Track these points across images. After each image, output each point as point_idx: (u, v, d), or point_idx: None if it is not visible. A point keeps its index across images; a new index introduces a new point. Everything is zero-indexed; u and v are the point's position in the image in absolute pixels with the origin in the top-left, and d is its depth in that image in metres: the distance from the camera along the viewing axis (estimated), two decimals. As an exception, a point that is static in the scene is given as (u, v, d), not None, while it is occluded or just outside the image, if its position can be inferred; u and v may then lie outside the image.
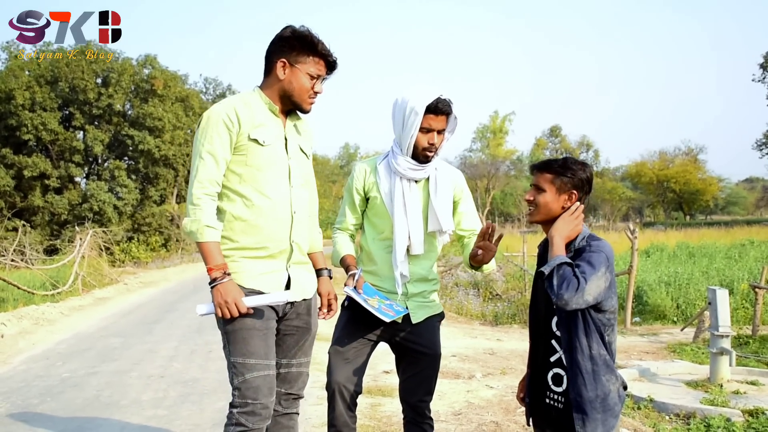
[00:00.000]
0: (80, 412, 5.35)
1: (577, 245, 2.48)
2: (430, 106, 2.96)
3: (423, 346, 3.11)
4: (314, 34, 2.80)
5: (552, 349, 2.53)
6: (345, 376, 3.02)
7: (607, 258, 2.37)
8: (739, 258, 16.71)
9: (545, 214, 2.55)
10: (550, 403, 2.52)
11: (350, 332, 3.09)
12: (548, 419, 2.55)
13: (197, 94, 39.79)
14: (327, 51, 2.82)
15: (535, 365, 2.62)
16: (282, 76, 2.80)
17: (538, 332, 2.60)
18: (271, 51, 2.84)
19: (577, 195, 2.51)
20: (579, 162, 2.55)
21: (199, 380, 6.35)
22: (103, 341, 9.00)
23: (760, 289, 9.14)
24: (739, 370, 6.22)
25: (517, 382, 6.12)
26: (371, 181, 3.17)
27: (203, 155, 2.71)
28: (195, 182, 2.70)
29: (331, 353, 3.11)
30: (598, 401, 2.39)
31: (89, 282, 16.71)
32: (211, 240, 2.67)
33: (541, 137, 75.00)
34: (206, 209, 2.68)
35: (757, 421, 4.57)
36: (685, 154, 65.42)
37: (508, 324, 11.60)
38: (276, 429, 3.00)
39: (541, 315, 2.57)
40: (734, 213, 76.70)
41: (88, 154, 35.06)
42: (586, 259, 2.36)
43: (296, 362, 3.00)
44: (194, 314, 11.27)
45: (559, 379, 2.50)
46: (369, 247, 3.17)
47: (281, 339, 2.94)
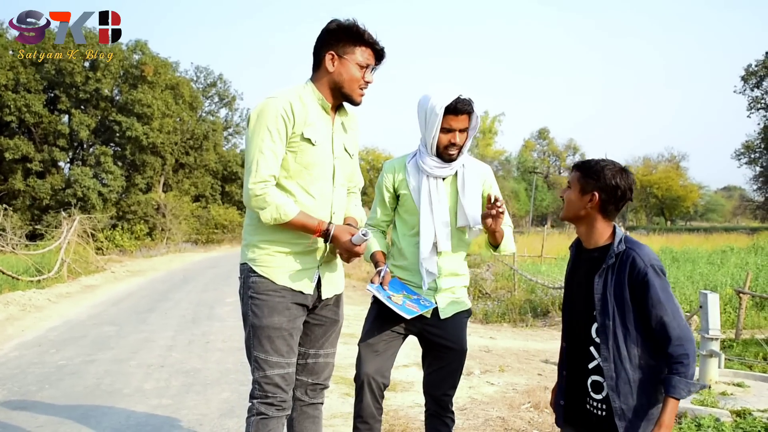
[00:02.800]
0: (82, 399, 5.34)
1: (617, 248, 2.47)
2: (450, 107, 3.00)
3: (450, 341, 3.17)
4: (360, 24, 2.81)
5: (590, 355, 2.53)
6: (374, 368, 3.06)
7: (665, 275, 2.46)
8: (721, 264, 16.99)
9: (569, 210, 2.57)
10: (591, 410, 2.54)
11: (380, 325, 3.13)
12: (588, 424, 2.57)
13: (188, 82, 39.59)
14: (373, 39, 2.83)
15: (572, 370, 2.62)
16: (331, 68, 2.81)
17: (576, 338, 2.60)
18: (319, 45, 2.85)
19: (599, 197, 2.47)
20: (614, 167, 2.48)
21: (200, 371, 6.37)
22: (97, 329, 8.96)
23: (745, 294, 9.36)
24: (726, 372, 6.33)
25: (515, 380, 6.31)
26: (400, 179, 3.23)
27: (264, 150, 2.70)
28: (255, 176, 2.69)
29: (360, 345, 3.15)
30: (643, 410, 2.42)
31: (75, 269, 16.61)
32: (295, 212, 2.71)
33: (529, 139, 75.51)
34: (273, 193, 2.70)
35: (744, 422, 4.70)
36: (668, 161, 66.37)
37: (498, 323, 11.73)
38: (302, 418, 3.05)
39: (580, 321, 2.57)
40: (712, 220, 77.67)
41: (74, 138, 34.77)
42: (663, 302, 2.38)
43: (323, 353, 3.05)
44: (187, 305, 11.29)
45: (598, 387, 2.51)
46: (400, 243, 3.23)
47: (310, 329, 2.99)
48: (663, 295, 2.38)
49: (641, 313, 2.41)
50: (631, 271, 2.41)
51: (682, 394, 2.36)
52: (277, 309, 2.80)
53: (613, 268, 2.46)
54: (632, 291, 2.41)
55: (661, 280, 2.40)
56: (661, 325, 2.37)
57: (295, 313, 2.85)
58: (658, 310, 2.37)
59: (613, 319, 2.43)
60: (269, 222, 2.71)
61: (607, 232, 2.54)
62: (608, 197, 2.48)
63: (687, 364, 2.35)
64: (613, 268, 2.46)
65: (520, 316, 11.88)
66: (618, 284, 2.44)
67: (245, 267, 2.89)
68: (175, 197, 36.68)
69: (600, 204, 2.49)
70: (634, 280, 2.41)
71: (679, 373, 2.35)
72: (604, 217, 2.52)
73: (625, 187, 2.48)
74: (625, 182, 2.48)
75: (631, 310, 2.42)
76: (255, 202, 2.70)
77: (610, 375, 2.44)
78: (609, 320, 2.43)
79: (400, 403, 5.24)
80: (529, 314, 11.87)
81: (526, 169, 69.83)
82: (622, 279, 2.43)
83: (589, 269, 2.54)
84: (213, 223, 38.40)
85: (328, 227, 2.75)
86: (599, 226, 2.53)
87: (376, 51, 2.86)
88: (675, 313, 2.38)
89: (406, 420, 4.82)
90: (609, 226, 2.55)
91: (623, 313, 2.43)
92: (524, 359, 7.56)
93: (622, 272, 2.43)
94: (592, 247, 2.56)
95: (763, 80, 48.40)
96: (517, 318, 11.83)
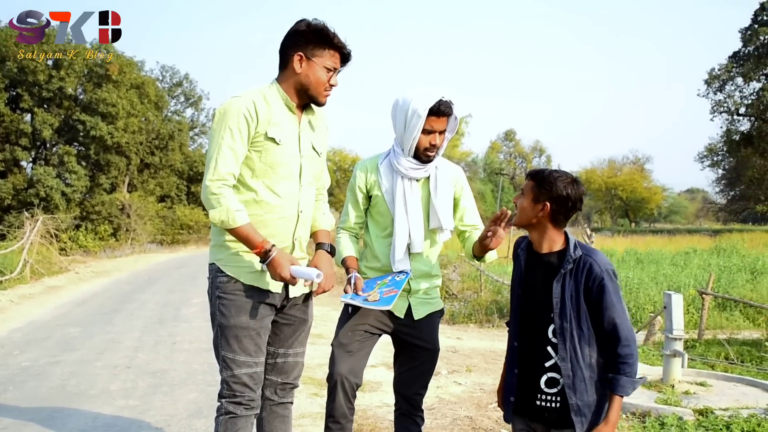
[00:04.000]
0: (47, 401, 5.28)
1: (573, 254, 2.56)
2: (433, 108, 3.02)
3: (423, 341, 3.19)
4: (329, 27, 2.83)
5: (547, 354, 2.61)
6: (347, 368, 3.07)
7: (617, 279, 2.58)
8: (684, 265, 17.30)
9: (521, 217, 2.65)
10: (543, 404, 2.61)
11: (353, 325, 3.14)
12: (539, 417, 2.64)
13: (153, 82, 39.03)
14: (342, 44, 2.84)
15: (524, 368, 2.69)
16: (299, 69, 2.82)
17: (530, 338, 2.67)
18: (287, 45, 2.85)
19: (550, 207, 2.56)
20: (566, 178, 2.58)
21: (167, 371, 6.32)
22: (61, 330, 8.84)
23: (707, 295, 9.56)
24: (688, 371, 6.44)
25: (482, 380, 6.35)
26: (373, 180, 3.24)
27: (223, 148, 2.71)
28: (213, 173, 2.70)
29: (334, 345, 3.15)
30: (596, 406, 2.55)
31: (38, 270, 16.33)
32: (244, 222, 2.69)
33: (496, 140, 75.88)
34: (228, 196, 2.70)
35: (707, 420, 4.80)
36: (632, 163, 67.27)
37: (465, 323, 11.80)
38: (271, 418, 3.06)
39: (536, 322, 2.64)
40: (676, 222, 78.85)
41: (36, 137, 34.05)
42: (615, 305, 2.51)
43: (293, 352, 3.06)
44: (153, 305, 11.18)
45: (553, 382, 2.60)
46: (372, 244, 3.24)
47: (279, 328, 3.00)
48: (615, 299, 2.51)
49: (595, 315, 2.53)
50: (588, 277, 2.52)
51: (627, 391, 2.51)
52: (244, 308, 2.81)
53: (571, 273, 2.56)
54: (588, 295, 2.53)
55: (614, 284, 2.54)
56: (613, 327, 2.50)
57: (262, 313, 2.86)
58: (611, 312, 2.50)
59: (570, 321, 2.54)
60: (216, 223, 2.71)
61: (559, 238, 2.64)
62: (559, 207, 2.57)
63: (632, 363, 2.50)
64: (571, 274, 2.56)
65: (487, 317, 11.94)
66: (575, 289, 2.54)
67: (213, 267, 2.90)
68: (140, 197, 36.20)
69: (551, 213, 2.58)
70: (591, 284, 2.52)
71: (625, 373, 2.50)
72: (555, 226, 2.62)
73: (575, 198, 2.58)
74: (576, 193, 2.58)
75: (585, 312, 2.53)
76: (209, 199, 2.70)
77: (567, 374, 2.54)
78: (567, 323, 2.54)
79: (368, 403, 5.26)
80: (496, 315, 11.93)
81: (493, 170, 70.19)
82: (579, 284, 2.54)
83: (546, 274, 2.62)
84: (178, 223, 37.98)
85: (270, 249, 2.72)
86: (551, 233, 2.63)
87: (343, 55, 2.88)
88: (624, 315, 2.52)
89: (375, 420, 4.84)
90: (560, 233, 2.64)
91: (578, 316, 2.54)
92: (491, 359, 7.62)
93: (579, 277, 2.54)
94: (546, 252, 2.64)
95: (726, 84, 49.25)
96: (483, 319, 11.90)
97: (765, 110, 46.74)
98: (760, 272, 15.70)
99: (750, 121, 49.68)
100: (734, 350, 8.10)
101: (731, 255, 20.17)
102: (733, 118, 50.12)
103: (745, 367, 7.44)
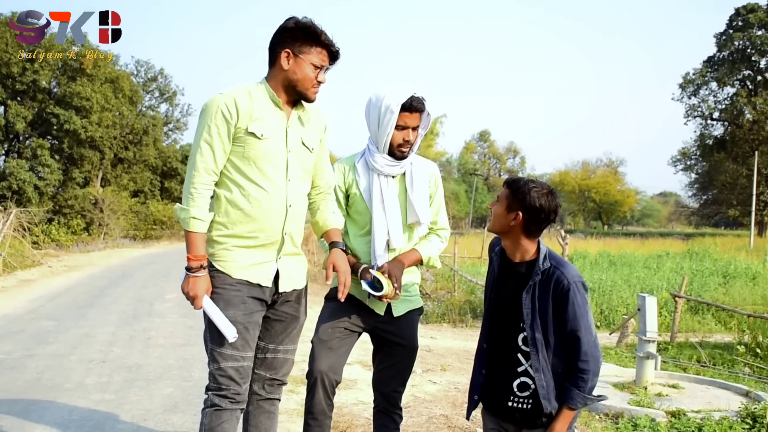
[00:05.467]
0: (23, 394, 5.25)
1: (542, 265, 2.59)
2: (405, 104, 3.06)
3: (402, 339, 3.22)
4: (317, 24, 2.85)
5: (517, 361, 2.65)
6: (327, 365, 3.08)
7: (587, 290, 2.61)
8: (657, 268, 17.54)
9: (494, 224, 2.68)
10: (514, 406, 2.65)
11: (334, 322, 3.16)
12: (510, 418, 2.69)
13: (128, 76, 38.70)
14: (330, 41, 2.86)
15: (493, 371, 2.73)
16: (286, 66, 2.84)
17: (500, 342, 2.71)
18: (275, 42, 2.88)
19: (522, 216, 2.57)
20: (540, 189, 2.59)
21: (142, 366, 6.30)
22: (35, 324, 8.77)
23: (680, 297, 9.71)
24: (661, 374, 6.52)
25: (457, 379, 6.39)
26: (350, 179, 3.26)
27: (201, 145, 2.77)
28: (193, 171, 2.76)
29: (314, 342, 3.16)
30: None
31: (10, 263, 16.17)
32: (197, 231, 2.76)
33: (470, 141, 76.24)
34: (199, 200, 2.75)
35: (679, 422, 4.87)
36: (606, 166, 67.95)
37: (438, 323, 11.87)
38: (257, 413, 3.07)
39: (506, 329, 2.68)
40: (648, 225, 79.76)
41: (9, 130, 33.70)
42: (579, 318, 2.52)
43: (283, 348, 3.06)
44: (127, 300, 11.09)
45: (525, 386, 2.64)
46: (351, 243, 3.26)
47: (270, 324, 3.01)
48: (580, 312, 2.52)
49: (559, 326, 2.55)
50: (555, 288, 2.54)
51: (577, 405, 2.54)
52: (232, 302, 2.82)
53: (539, 284, 2.58)
54: (554, 305, 2.55)
55: (582, 297, 2.54)
56: (575, 339, 2.52)
57: (251, 308, 2.87)
58: (573, 324, 2.52)
59: (541, 332, 2.57)
60: (175, 214, 2.82)
61: (532, 248, 2.65)
62: (531, 217, 2.57)
63: (587, 379, 2.52)
64: (539, 285, 2.58)
65: (460, 317, 12.04)
66: (543, 300, 2.56)
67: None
68: (113, 192, 35.89)
69: (523, 223, 2.59)
70: (558, 295, 2.54)
71: (578, 387, 2.52)
72: (527, 236, 2.63)
73: (548, 210, 2.58)
74: (549, 205, 2.58)
75: (552, 323, 2.56)
76: (186, 195, 2.77)
77: (541, 384, 2.57)
78: (539, 333, 2.57)
79: (344, 400, 5.29)
80: (469, 315, 12.04)
81: (467, 170, 70.61)
82: (547, 295, 2.55)
83: (517, 284, 2.64)
84: (152, 219, 37.73)
85: (199, 268, 2.76)
86: (523, 242, 2.64)
87: (331, 52, 2.90)
88: (588, 330, 2.52)
89: (351, 417, 4.87)
90: (533, 242, 2.65)
91: (545, 326, 2.56)
92: (465, 359, 7.69)
93: (547, 288, 2.56)
94: (518, 261, 2.67)
95: (700, 89, 49.96)
96: (456, 318, 12.00)
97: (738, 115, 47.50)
98: (732, 276, 15.96)
99: (723, 126, 50.44)
100: (706, 353, 8.26)
101: (704, 259, 20.48)
102: (707, 123, 50.89)
103: (717, 370, 7.57)
